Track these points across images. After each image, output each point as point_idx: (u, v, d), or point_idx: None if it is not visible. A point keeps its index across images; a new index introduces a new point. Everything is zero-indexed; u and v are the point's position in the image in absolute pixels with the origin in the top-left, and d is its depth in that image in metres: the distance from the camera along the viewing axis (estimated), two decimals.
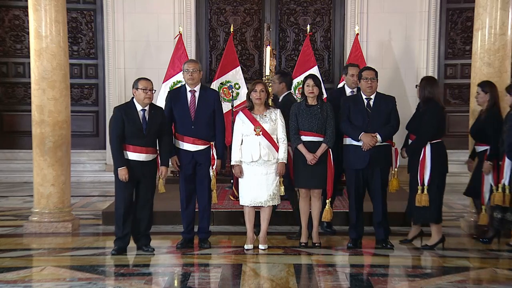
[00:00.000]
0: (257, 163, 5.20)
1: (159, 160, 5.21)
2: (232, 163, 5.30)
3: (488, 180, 5.37)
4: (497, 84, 5.76)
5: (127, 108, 5.11)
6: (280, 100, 5.97)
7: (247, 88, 6.51)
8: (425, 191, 5.18)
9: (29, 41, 6.18)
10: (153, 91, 5.12)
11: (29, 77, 6.26)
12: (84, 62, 10.01)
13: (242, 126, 5.26)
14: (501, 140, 5.26)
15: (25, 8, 6.99)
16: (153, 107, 5.18)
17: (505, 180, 5.15)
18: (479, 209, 5.56)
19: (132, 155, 5.03)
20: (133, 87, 5.12)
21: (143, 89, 5.03)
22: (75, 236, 5.84)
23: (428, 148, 5.17)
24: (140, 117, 5.05)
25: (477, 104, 5.64)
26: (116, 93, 9.49)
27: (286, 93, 5.89)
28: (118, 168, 5.01)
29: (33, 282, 4.34)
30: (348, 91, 5.84)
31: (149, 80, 5.14)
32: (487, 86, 5.54)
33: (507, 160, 5.14)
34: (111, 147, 5.16)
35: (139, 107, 5.08)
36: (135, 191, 5.15)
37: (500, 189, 5.16)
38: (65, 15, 6.13)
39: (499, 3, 5.78)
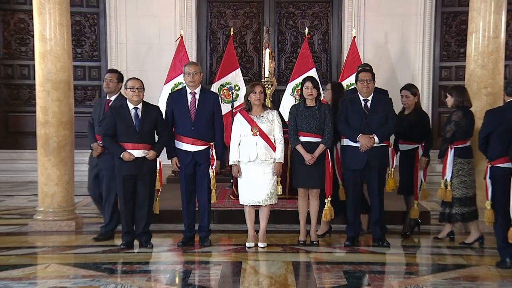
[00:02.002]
0: (254, 163, 5.21)
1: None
2: (230, 163, 5.31)
3: (420, 176, 5.60)
4: (491, 85, 5.78)
5: (119, 108, 5.22)
6: (113, 99, 5.87)
7: None
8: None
9: (34, 44, 6.18)
10: (142, 90, 5.19)
11: (34, 79, 6.26)
12: (87, 64, 10.01)
13: (240, 126, 5.27)
14: (443, 138, 5.40)
15: (30, 11, 7.00)
16: (147, 105, 5.25)
17: (447, 176, 5.26)
18: (410, 204, 5.70)
19: None
20: (124, 88, 5.24)
21: (131, 88, 5.13)
22: (78, 234, 5.84)
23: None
24: (132, 116, 5.13)
25: (404, 106, 5.67)
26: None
27: (118, 94, 5.82)
28: (121, 155, 5.07)
29: (37, 279, 4.34)
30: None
31: (138, 79, 5.23)
32: (415, 88, 5.70)
33: (449, 158, 5.27)
34: (105, 145, 5.28)
35: (131, 106, 5.17)
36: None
37: (442, 185, 5.29)
38: (69, 18, 6.13)
39: (492, 7, 5.79)
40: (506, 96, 4.86)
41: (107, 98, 5.64)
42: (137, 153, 5.09)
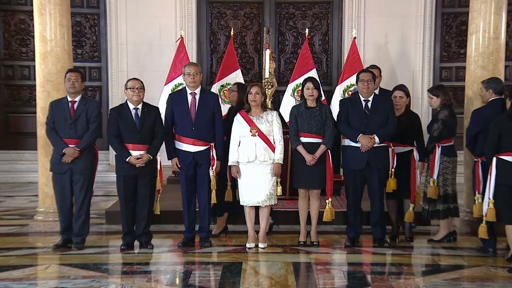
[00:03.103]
0: (253, 163, 5.20)
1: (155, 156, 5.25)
2: (229, 163, 5.31)
3: (417, 179, 5.51)
4: None
5: (120, 109, 5.23)
6: (77, 101, 5.62)
7: None
8: None
9: (34, 45, 6.19)
10: (143, 90, 5.19)
11: (34, 79, 6.27)
12: (88, 65, 10.01)
13: (239, 127, 5.27)
14: (430, 137, 5.46)
15: (31, 12, 7.01)
16: (147, 105, 5.26)
17: (435, 174, 5.37)
18: (406, 208, 5.51)
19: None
20: (124, 88, 5.22)
21: (131, 88, 5.14)
22: None
23: None
24: (133, 116, 5.14)
25: (396, 107, 5.43)
26: (119, 95, 9.48)
27: (81, 95, 5.57)
28: (126, 160, 5.07)
29: (38, 280, 4.33)
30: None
31: (138, 80, 5.24)
32: (407, 89, 5.60)
33: (437, 156, 5.37)
34: (112, 147, 5.27)
35: (131, 106, 5.17)
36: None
37: (431, 183, 5.37)
38: (69, 19, 6.14)
39: (492, 8, 5.79)
40: (493, 94, 5.18)
41: (69, 99, 5.23)
42: (138, 153, 5.10)
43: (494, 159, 4.74)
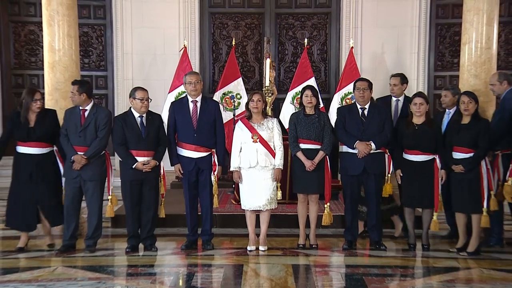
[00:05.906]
0: (254, 169, 5.21)
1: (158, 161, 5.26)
2: (231, 169, 5.32)
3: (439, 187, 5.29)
4: (484, 95, 5.79)
5: (125, 117, 5.22)
6: (88, 109, 5.49)
7: None
8: None
9: (43, 54, 6.22)
10: (149, 100, 5.19)
11: (43, 88, 6.29)
12: (94, 74, 10.05)
13: (241, 133, 5.28)
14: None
15: (40, 23, 7.01)
16: (150, 113, 5.26)
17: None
18: (428, 217, 5.30)
19: None
20: (130, 97, 5.21)
21: (140, 99, 5.12)
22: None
23: None
24: (138, 123, 5.15)
25: (417, 115, 5.23)
26: (124, 103, 9.49)
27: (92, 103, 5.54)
28: (133, 166, 5.08)
29: (46, 282, 4.33)
30: (393, 99, 5.90)
31: (145, 90, 5.23)
32: (426, 95, 5.43)
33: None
34: (118, 154, 5.25)
35: (136, 114, 5.18)
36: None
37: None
38: (77, 29, 6.17)
39: (484, 19, 5.82)
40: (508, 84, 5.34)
41: (81, 107, 5.20)
42: (142, 159, 5.11)
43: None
